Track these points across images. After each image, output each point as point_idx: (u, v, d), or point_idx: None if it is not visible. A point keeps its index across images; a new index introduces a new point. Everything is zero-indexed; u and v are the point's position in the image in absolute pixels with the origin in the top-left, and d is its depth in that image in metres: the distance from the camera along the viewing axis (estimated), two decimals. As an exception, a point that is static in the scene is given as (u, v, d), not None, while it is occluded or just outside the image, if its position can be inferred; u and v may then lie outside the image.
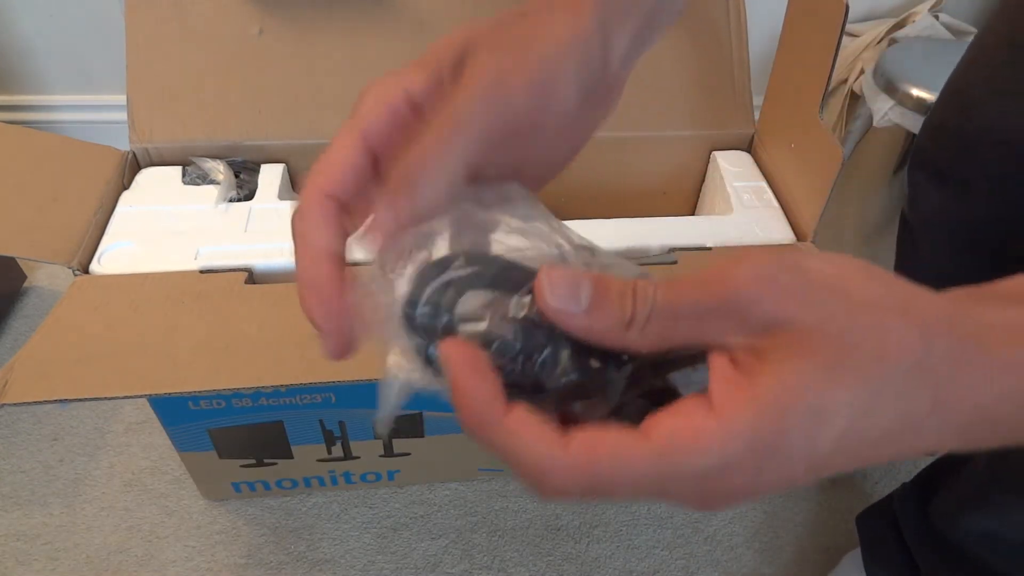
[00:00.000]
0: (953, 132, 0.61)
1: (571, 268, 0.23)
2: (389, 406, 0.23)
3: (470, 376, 0.21)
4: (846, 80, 1.09)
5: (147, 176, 0.69)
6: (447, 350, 0.21)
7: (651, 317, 0.21)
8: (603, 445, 0.21)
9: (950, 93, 0.62)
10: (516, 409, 0.21)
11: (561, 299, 0.21)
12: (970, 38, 0.89)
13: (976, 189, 0.60)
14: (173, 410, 0.68)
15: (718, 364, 0.21)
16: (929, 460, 0.71)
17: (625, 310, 0.21)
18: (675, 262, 0.61)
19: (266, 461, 0.77)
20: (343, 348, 0.24)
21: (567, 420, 0.22)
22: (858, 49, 1.09)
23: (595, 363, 0.22)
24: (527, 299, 0.22)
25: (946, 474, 0.67)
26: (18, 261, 1.02)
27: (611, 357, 0.22)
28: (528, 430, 0.21)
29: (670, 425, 0.21)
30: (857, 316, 0.20)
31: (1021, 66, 0.54)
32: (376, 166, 0.26)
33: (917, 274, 0.23)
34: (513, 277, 0.23)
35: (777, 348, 0.20)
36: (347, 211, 0.25)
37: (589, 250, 0.25)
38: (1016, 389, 0.20)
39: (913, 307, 0.21)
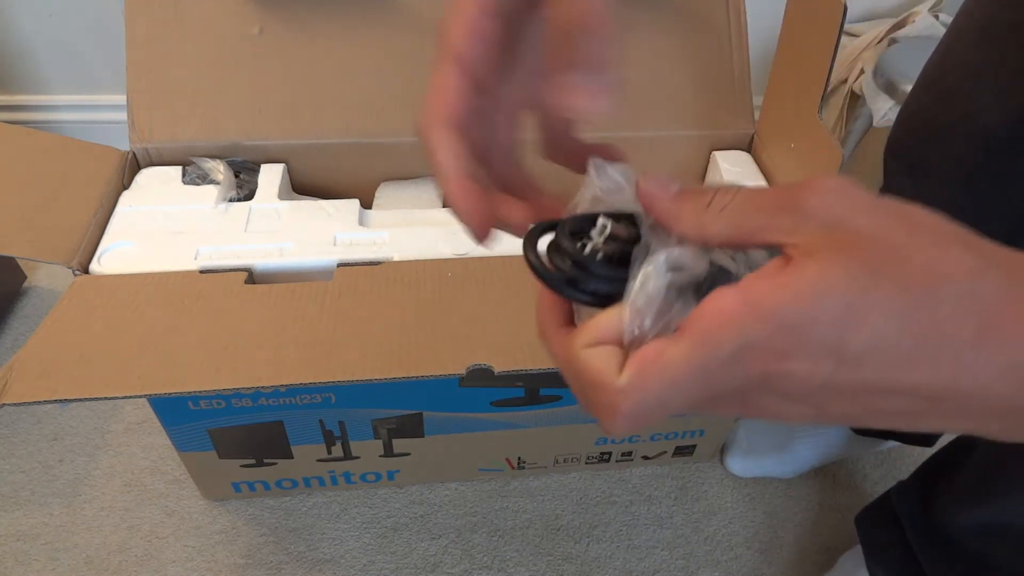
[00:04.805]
0: (927, 120, 0.60)
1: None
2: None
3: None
4: (846, 80, 1.09)
5: (147, 176, 0.69)
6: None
7: (729, 204, 0.23)
8: (648, 355, 0.22)
9: (925, 80, 0.61)
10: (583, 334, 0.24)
11: (655, 185, 0.25)
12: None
13: (948, 179, 0.59)
14: (173, 410, 0.68)
15: (772, 263, 0.22)
16: (928, 454, 0.71)
17: (706, 196, 0.24)
18: (675, 262, 0.61)
19: (266, 461, 0.77)
20: (483, 238, 0.29)
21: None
22: (858, 49, 1.09)
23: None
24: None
25: (947, 468, 0.67)
26: (18, 261, 1.02)
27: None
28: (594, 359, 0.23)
29: (699, 311, 0.22)
30: (918, 235, 0.21)
31: (991, 50, 0.54)
32: (477, 86, 0.28)
33: None
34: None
35: (830, 247, 0.20)
36: (463, 133, 0.28)
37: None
38: None
39: (977, 243, 0.21)
